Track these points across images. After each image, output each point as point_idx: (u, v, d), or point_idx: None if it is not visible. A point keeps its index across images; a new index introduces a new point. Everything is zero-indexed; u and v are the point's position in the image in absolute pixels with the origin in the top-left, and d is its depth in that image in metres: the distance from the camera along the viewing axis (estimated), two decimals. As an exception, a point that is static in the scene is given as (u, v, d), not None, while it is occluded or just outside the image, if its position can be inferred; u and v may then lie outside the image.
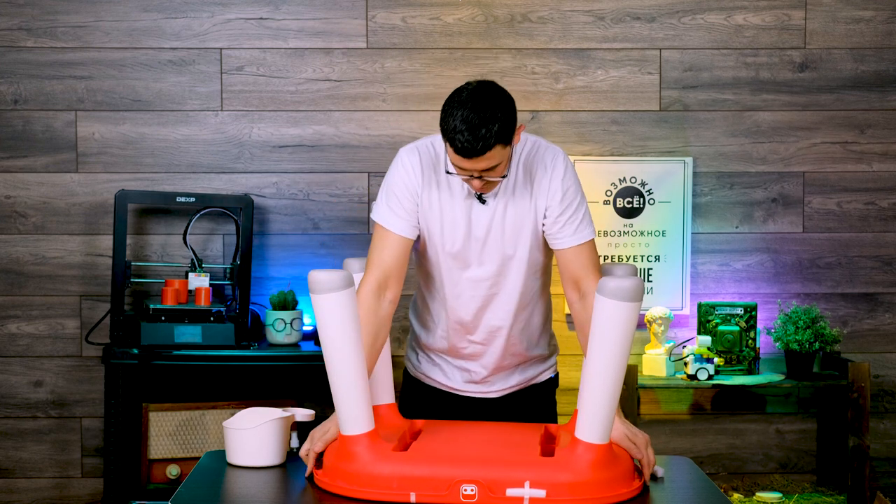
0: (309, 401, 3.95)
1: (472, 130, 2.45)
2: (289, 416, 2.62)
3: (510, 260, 2.70)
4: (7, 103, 3.95)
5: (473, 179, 2.56)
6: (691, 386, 3.79)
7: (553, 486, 2.26)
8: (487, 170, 2.52)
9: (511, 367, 2.84)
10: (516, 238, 2.68)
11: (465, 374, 2.84)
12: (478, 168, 2.51)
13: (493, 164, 2.51)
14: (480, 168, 2.51)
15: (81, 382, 4.00)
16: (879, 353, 4.10)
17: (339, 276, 2.29)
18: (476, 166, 2.51)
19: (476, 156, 2.48)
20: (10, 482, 4.02)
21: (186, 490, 2.41)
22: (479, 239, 2.68)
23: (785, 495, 3.85)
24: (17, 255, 3.98)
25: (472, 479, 2.27)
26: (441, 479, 2.28)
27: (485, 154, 2.47)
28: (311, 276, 2.29)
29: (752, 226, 4.06)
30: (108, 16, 3.95)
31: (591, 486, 2.29)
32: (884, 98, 4.06)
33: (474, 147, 2.46)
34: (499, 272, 2.71)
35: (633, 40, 4.01)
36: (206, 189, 3.98)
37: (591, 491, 2.29)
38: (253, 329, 3.89)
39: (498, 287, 2.72)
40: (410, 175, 2.67)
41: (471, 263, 2.70)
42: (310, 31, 3.98)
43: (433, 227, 2.68)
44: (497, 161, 2.51)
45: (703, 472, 2.60)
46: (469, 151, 2.47)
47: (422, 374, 2.90)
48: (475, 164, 2.50)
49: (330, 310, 2.30)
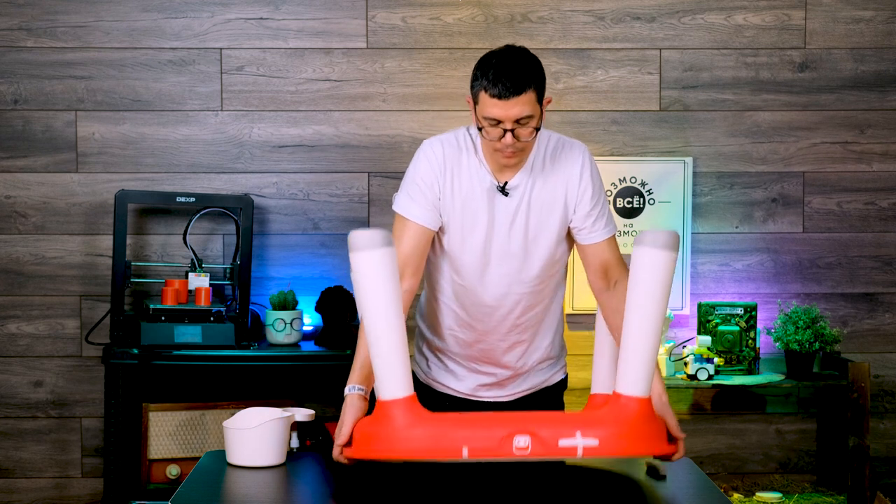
0: (309, 401, 3.95)
1: (507, 71, 2.47)
2: (289, 416, 2.62)
3: (531, 254, 2.67)
4: (7, 103, 3.96)
5: (505, 137, 2.51)
6: (691, 386, 3.79)
7: (604, 437, 2.23)
8: (520, 121, 2.50)
9: (525, 369, 2.82)
10: (539, 231, 2.66)
11: (478, 377, 2.81)
12: (511, 115, 2.48)
13: (526, 112, 2.49)
14: (514, 115, 2.48)
15: (81, 382, 4.00)
16: (879, 353, 4.10)
17: (382, 234, 2.25)
18: (510, 112, 2.48)
19: (512, 94, 2.46)
20: (10, 482, 4.02)
21: (186, 490, 2.41)
22: (500, 232, 2.65)
23: (785, 495, 3.85)
24: (17, 255, 3.98)
25: (526, 431, 2.23)
26: (493, 434, 2.22)
27: (520, 94, 2.47)
28: (352, 235, 2.25)
29: (752, 226, 4.06)
30: (108, 16, 3.95)
31: (642, 435, 2.27)
32: (884, 98, 4.06)
33: (511, 84, 2.46)
34: (519, 267, 2.68)
35: (633, 40, 4.01)
36: (206, 189, 3.98)
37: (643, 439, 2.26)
38: (253, 329, 3.89)
39: (517, 282, 2.69)
40: (434, 165, 2.64)
41: (491, 257, 2.67)
42: (310, 31, 3.98)
43: (454, 219, 2.65)
44: (530, 111, 2.49)
45: (703, 472, 2.61)
46: (506, 89, 2.46)
47: (433, 379, 2.87)
48: (509, 108, 2.48)
49: (373, 268, 2.25)
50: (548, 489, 2.50)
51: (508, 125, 2.50)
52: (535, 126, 2.53)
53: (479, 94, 2.51)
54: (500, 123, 2.50)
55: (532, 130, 2.53)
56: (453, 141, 2.67)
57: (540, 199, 2.65)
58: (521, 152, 2.57)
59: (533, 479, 2.54)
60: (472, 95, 2.55)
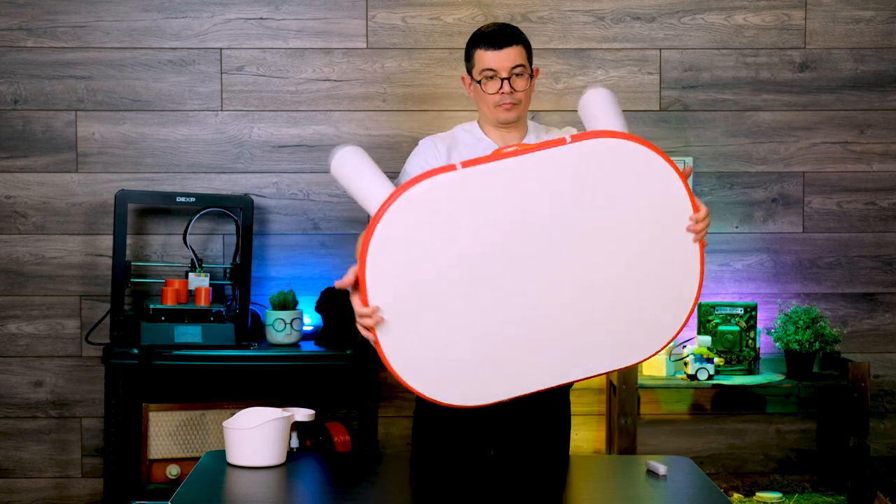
0: (309, 401, 3.95)
1: (499, 29, 2.73)
2: (289, 416, 2.62)
3: None
4: (7, 103, 3.96)
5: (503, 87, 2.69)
6: (691, 386, 3.79)
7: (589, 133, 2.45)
8: (515, 69, 2.69)
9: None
10: None
11: None
12: (506, 64, 2.69)
13: (519, 60, 2.71)
14: (509, 63, 2.69)
15: (81, 382, 4.00)
16: (879, 353, 4.10)
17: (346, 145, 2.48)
18: (504, 62, 2.69)
19: (505, 44, 2.69)
20: (10, 482, 4.02)
21: (186, 490, 2.41)
22: None
23: (785, 495, 3.85)
24: (17, 255, 3.98)
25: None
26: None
27: (512, 45, 2.70)
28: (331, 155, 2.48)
29: (752, 226, 4.06)
30: (108, 16, 3.95)
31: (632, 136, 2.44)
32: (884, 98, 4.06)
33: (502, 36, 2.70)
34: None
35: (633, 40, 4.01)
36: (206, 189, 3.98)
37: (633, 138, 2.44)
38: (253, 329, 3.89)
39: None
40: (432, 153, 2.77)
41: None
42: (310, 31, 3.98)
43: None
44: (522, 61, 2.71)
45: (703, 472, 2.61)
46: (497, 38, 2.69)
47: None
48: (503, 58, 2.69)
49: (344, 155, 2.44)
50: (548, 489, 2.50)
51: (504, 73, 2.70)
52: (529, 74, 2.74)
53: (475, 53, 2.74)
54: (496, 74, 2.71)
55: (527, 80, 2.74)
56: (446, 135, 2.85)
57: None
58: (518, 106, 2.75)
59: (533, 479, 2.54)
60: (468, 60, 2.78)
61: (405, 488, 2.57)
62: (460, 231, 2.30)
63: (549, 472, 2.63)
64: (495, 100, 2.72)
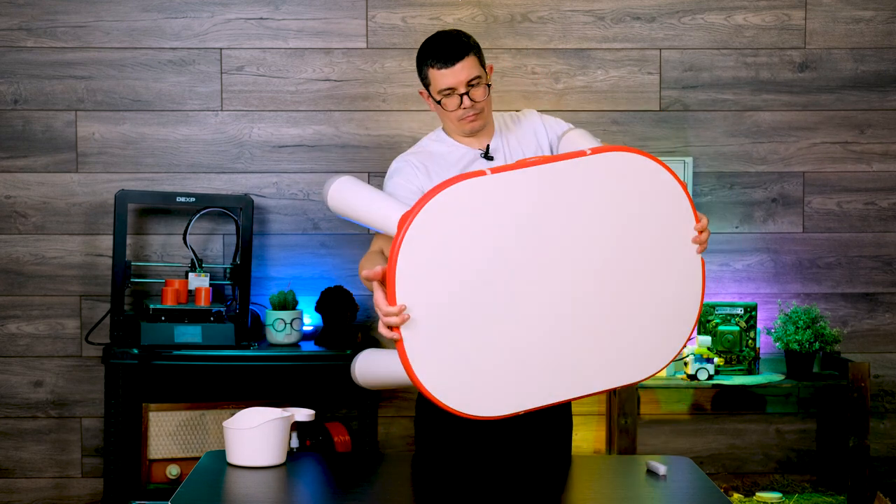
0: (309, 401, 3.95)
1: (445, 43, 2.71)
2: (289, 416, 2.62)
3: None
4: (7, 103, 3.96)
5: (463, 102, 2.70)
6: (691, 386, 3.79)
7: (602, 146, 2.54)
8: (471, 82, 2.69)
9: None
10: None
11: None
12: (461, 79, 2.68)
13: (474, 73, 2.69)
14: (464, 78, 2.68)
15: (81, 382, 4.00)
16: (879, 353, 4.10)
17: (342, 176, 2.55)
18: (458, 77, 2.68)
19: (455, 60, 2.68)
20: (10, 482, 4.02)
21: (186, 490, 2.41)
22: None
23: (785, 495, 3.85)
24: (17, 255, 3.98)
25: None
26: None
27: (462, 58, 2.68)
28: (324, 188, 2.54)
29: (752, 226, 4.06)
30: (108, 16, 3.95)
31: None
32: (884, 98, 4.06)
33: (451, 50, 2.68)
34: None
35: (633, 40, 4.01)
36: (206, 189, 3.98)
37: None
38: (253, 329, 3.89)
39: None
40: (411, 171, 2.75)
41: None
42: (310, 31, 3.98)
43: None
44: (476, 72, 2.70)
45: (703, 472, 2.61)
46: (447, 54, 2.68)
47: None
48: (457, 73, 2.68)
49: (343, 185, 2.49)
50: (549, 489, 2.50)
51: (462, 89, 2.70)
52: (486, 83, 2.73)
53: (429, 73, 2.73)
54: (454, 91, 2.70)
55: (485, 89, 2.73)
56: (416, 150, 2.85)
57: (520, 150, 2.81)
58: (482, 114, 2.75)
59: (534, 478, 2.54)
60: (423, 80, 2.76)
61: (405, 488, 2.57)
62: (486, 235, 2.34)
63: (550, 472, 2.63)
64: (458, 115, 2.74)
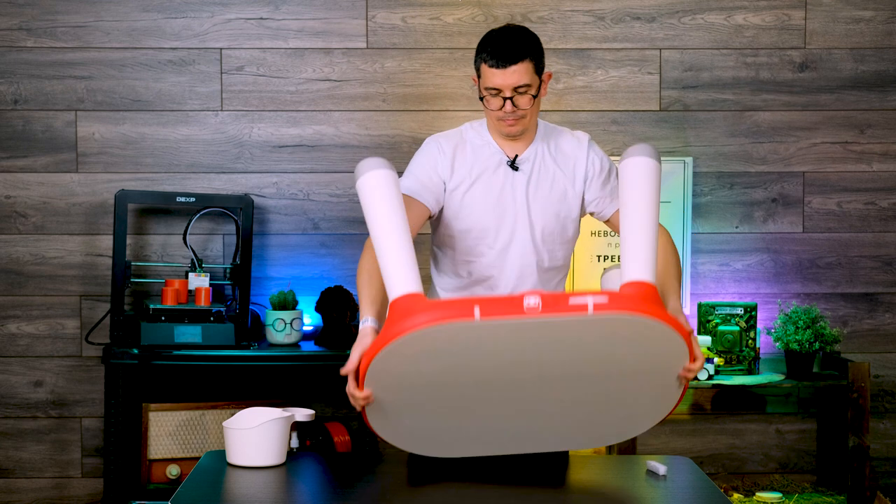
0: (309, 401, 3.95)
1: (505, 42, 2.64)
2: (289, 416, 2.62)
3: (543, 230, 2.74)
4: (7, 103, 3.96)
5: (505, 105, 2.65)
6: (691, 386, 3.79)
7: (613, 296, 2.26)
8: (519, 89, 2.64)
9: None
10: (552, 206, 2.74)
11: None
12: (509, 83, 2.63)
13: (523, 80, 2.64)
14: (512, 83, 2.63)
15: (81, 382, 4.00)
16: (879, 353, 4.10)
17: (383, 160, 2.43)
18: (508, 80, 2.63)
19: (509, 63, 2.62)
20: (10, 482, 4.02)
21: (186, 490, 2.41)
22: (513, 209, 2.72)
23: (785, 495, 3.85)
24: (17, 255, 3.98)
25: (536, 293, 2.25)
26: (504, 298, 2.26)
27: (517, 63, 2.62)
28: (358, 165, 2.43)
29: (752, 226, 4.06)
30: (108, 16, 3.96)
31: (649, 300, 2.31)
32: (884, 98, 4.06)
33: (508, 54, 2.62)
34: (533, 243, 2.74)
35: (633, 40, 4.01)
36: (206, 189, 3.98)
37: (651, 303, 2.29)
38: (253, 329, 3.90)
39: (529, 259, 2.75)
40: (436, 154, 2.75)
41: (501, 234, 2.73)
42: (310, 31, 3.98)
43: (467, 199, 2.72)
44: (528, 80, 2.64)
45: (703, 472, 2.61)
46: (503, 58, 2.62)
47: None
48: (507, 77, 2.63)
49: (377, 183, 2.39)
50: (548, 489, 2.50)
51: (507, 93, 2.65)
52: (532, 94, 2.67)
53: (481, 67, 2.67)
54: (500, 93, 2.65)
55: (530, 99, 2.67)
56: (454, 133, 2.81)
57: (549, 174, 2.75)
58: (522, 121, 2.70)
59: (534, 479, 2.54)
60: (476, 69, 2.71)
61: (405, 488, 2.57)
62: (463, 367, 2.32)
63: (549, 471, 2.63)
64: (498, 115, 2.70)
